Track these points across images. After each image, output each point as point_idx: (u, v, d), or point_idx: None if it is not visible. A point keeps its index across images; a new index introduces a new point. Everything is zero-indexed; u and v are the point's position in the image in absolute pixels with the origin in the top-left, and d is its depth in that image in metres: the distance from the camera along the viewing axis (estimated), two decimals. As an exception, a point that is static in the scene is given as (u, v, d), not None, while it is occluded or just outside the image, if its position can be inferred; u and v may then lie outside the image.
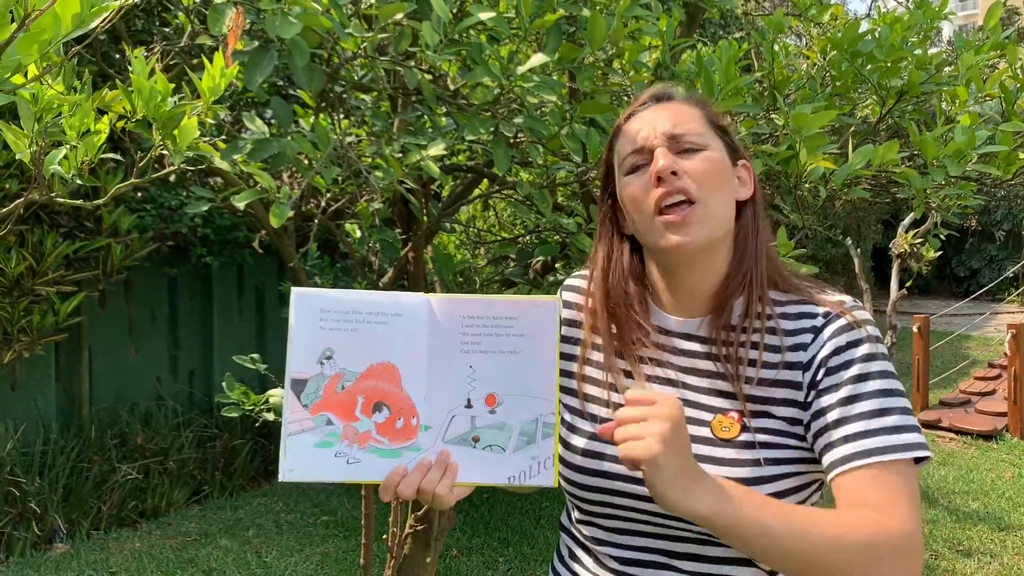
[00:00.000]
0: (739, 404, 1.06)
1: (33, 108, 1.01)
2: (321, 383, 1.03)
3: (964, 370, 9.14)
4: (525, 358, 1.05)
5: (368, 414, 1.04)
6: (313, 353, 1.03)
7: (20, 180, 3.71)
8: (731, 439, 1.04)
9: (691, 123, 1.11)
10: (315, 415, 1.03)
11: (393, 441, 1.04)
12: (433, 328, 1.06)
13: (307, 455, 1.02)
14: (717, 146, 1.12)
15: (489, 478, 1.05)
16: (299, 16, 1.33)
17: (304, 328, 1.03)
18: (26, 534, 4.21)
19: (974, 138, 1.93)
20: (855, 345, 1.04)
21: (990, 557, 4.45)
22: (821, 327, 1.06)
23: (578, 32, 1.86)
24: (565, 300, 1.25)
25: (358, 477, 1.03)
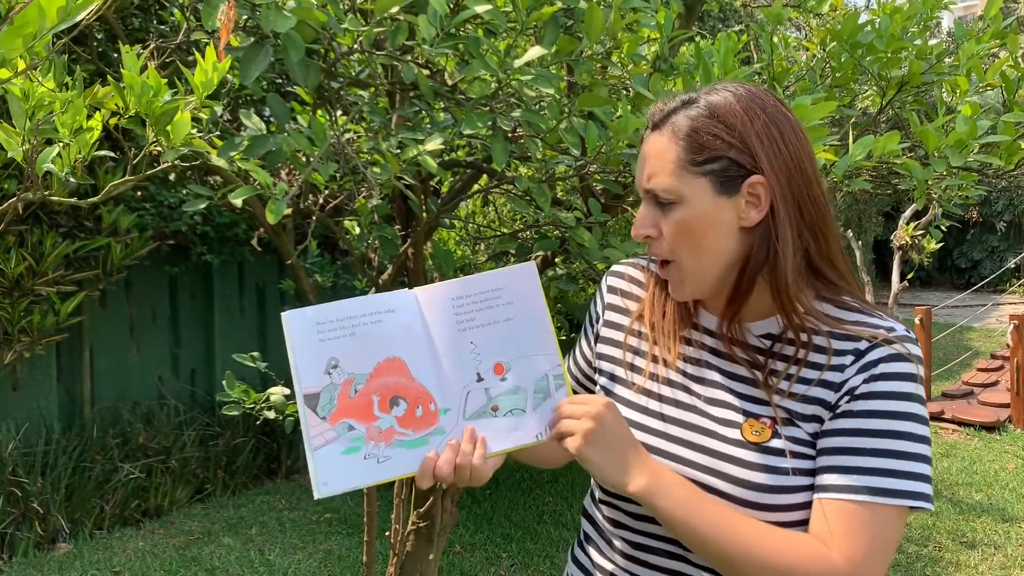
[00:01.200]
0: (772, 412, 1.05)
1: (25, 105, 1.00)
2: (334, 392, 1.04)
3: (966, 361, 9.13)
4: (520, 322, 1.09)
5: (386, 410, 1.05)
6: (319, 366, 1.04)
7: (19, 180, 3.70)
8: (760, 443, 1.04)
9: (663, 174, 1.05)
10: (335, 424, 1.03)
11: (417, 431, 1.06)
12: (427, 316, 1.08)
13: (337, 465, 1.02)
14: (696, 191, 1.04)
15: (518, 441, 1.07)
16: (294, 10, 1.32)
17: (304, 345, 1.04)
18: (29, 534, 4.21)
19: (975, 128, 1.91)
20: (890, 378, 1.01)
21: (994, 548, 4.45)
22: (864, 351, 1.02)
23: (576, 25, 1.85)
24: (610, 285, 1.27)
25: (393, 474, 1.04)
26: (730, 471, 1.04)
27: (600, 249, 1.92)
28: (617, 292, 1.26)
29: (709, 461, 1.06)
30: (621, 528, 1.16)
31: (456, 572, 4.11)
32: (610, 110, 1.75)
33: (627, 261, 1.30)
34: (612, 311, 1.25)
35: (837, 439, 1.01)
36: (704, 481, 1.06)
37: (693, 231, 1.05)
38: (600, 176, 1.95)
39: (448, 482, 1.03)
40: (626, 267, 1.28)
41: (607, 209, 2.12)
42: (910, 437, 0.99)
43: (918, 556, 4.34)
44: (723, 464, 1.05)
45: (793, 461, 1.03)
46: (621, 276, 1.27)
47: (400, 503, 2.44)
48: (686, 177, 1.04)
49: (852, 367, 1.02)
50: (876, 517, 0.98)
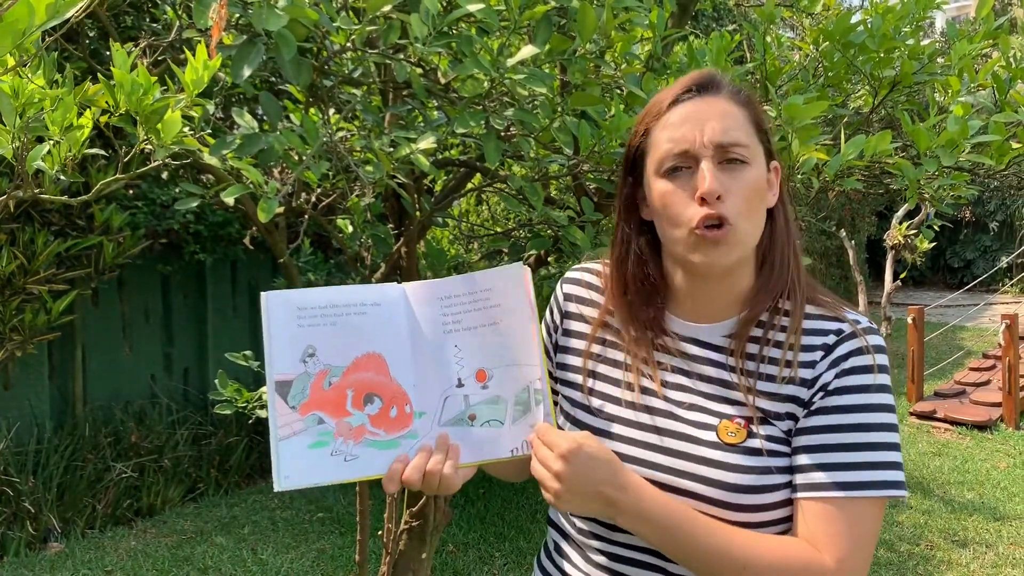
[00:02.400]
0: (746, 412, 1.05)
1: (14, 103, 1.00)
2: (307, 382, 1.00)
3: (959, 361, 9.16)
4: (506, 328, 1.04)
5: (360, 407, 1.01)
6: (295, 352, 1.00)
7: (10, 178, 3.68)
8: (737, 444, 1.04)
9: (739, 131, 1.04)
10: (305, 415, 0.99)
11: (389, 431, 1.02)
12: (413, 313, 1.05)
13: (302, 459, 0.98)
14: (759, 157, 1.06)
15: (492, 455, 1.03)
16: (286, 8, 1.31)
17: (282, 328, 1.00)
18: (20, 534, 4.20)
19: (967, 128, 1.92)
20: (860, 372, 1.02)
21: (985, 547, 4.46)
22: (833, 346, 1.04)
23: (568, 24, 1.85)
24: (565, 292, 1.23)
25: (359, 474, 1.00)
26: (708, 474, 1.04)
27: (593, 248, 1.92)
28: (574, 300, 1.22)
29: (686, 465, 1.05)
30: (597, 539, 1.13)
31: (449, 571, 4.11)
32: (603, 109, 1.75)
33: (580, 267, 1.25)
34: (570, 319, 1.21)
35: (812, 436, 1.02)
36: (682, 486, 1.05)
37: (756, 194, 1.04)
38: (593, 175, 1.95)
39: (415, 488, 1.00)
40: (581, 273, 1.24)
41: (600, 208, 2.12)
42: (879, 427, 1.01)
43: (910, 555, 4.35)
44: (700, 467, 1.04)
45: (770, 460, 1.03)
46: (577, 283, 1.23)
47: (393, 502, 2.44)
48: (754, 139, 1.05)
49: (823, 362, 1.03)
50: (856, 512, 0.99)
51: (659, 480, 1.06)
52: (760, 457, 1.03)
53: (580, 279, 1.23)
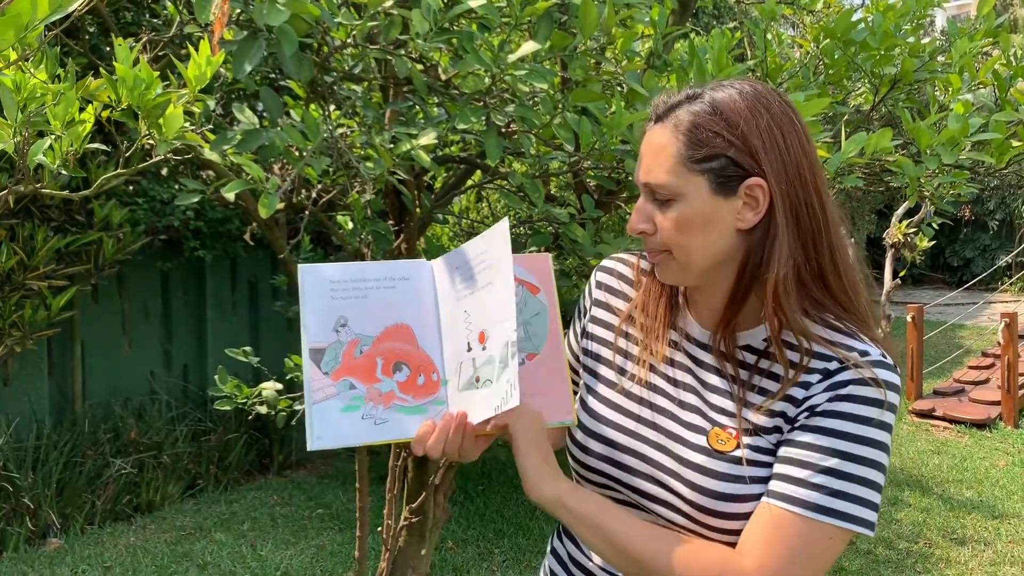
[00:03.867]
0: (737, 423, 1.05)
1: (16, 97, 1.00)
2: (339, 350, 1.05)
3: (958, 359, 9.17)
4: (496, 286, 1.07)
5: (389, 374, 1.06)
6: (328, 322, 1.05)
7: (10, 173, 3.68)
8: (725, 452, 1.04)
9: (661, 170, 1.03)
10: (337, 381, 1.04)
11: (416, 398, 1.07)
12: (438, 287, 1.10)
13: (334, 421, 1.03)
14: (693, 189, 1.02)
15: (486, 413, 1.05)
16: (287, 4, 1.31)
17: (316, 300, 1.06)
18: (20, 529, 4.20)
19: (967, 126, 1.92)
20: (859, 402, 0.99)
21: (984, 545, 4.47)
22: (833, 372, 1.00)
23: (569, 20, 1.85)
24: (598, 280, 1.26)
25: (388, 437, 1.04)
26: (692, 477, 1.05)
27: (593, 245, 1.92)
28: (604, 288, 1.25)
29: (674, 465, 1.07)
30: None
31: (448, 568, 4.11)
32: (604, 106, 1.75)
33: (616, 256, 1.28)
34: (599, 307, 1.25)
35: (792, 450, 1.00)
36: (667, 483, 1.07)
37: (688, 229, 1.02)
38: (593, 172, 1.95)
39: (437, 456, 1.04)
40: (615, 263, 1.26)
41: (600, 205, 2.12)
42: (863, 462, 0.98)
43: (908, 552, 4.36)
44: (686, 470, 1.06)
45: (751, 469, 1.03)
46: (610, 272, 1.26)
47: (392, 498, 2.44)
48: (684, 174, 1.02)
49: (818, 385, 1.01)
50: (808, 531, 0.97)
51: (652, 475, 1.09)
52: (741, 467, 1.03)
53: (614, 269, 1.26)
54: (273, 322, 5.86)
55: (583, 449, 1.16)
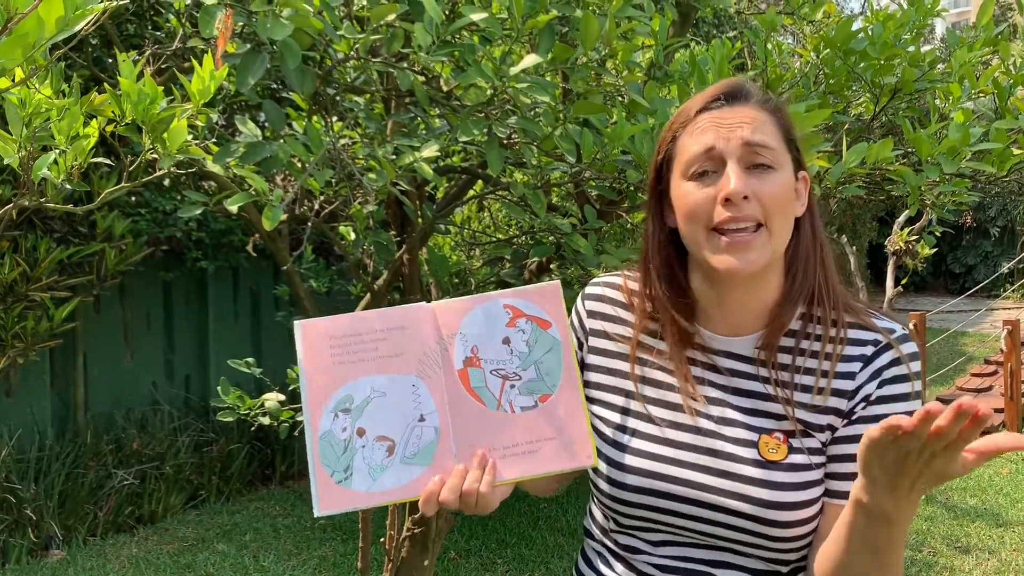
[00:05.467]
0: (787, 425, 1.04)
1: (21, 112, 1.00)
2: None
3: (960, 367, 9.15)
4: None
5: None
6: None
7: (13, 186, 3.69)
8: (779, 461, 1.03)
9: (769, 137, 1.03)
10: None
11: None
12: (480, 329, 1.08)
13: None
14: (787, 165, 1.05)
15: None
16: (290, 18, 1.32)
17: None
18: (22, 541, 4.20)
19: (968, 135, 1.92)
20: (899, 381, 1.03)
21: (988, 553, 4.45)
22: (871, 357, 1.04)
23: (571, 32, 1.86)
24: (588, 310, 1.20)
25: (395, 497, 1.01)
26: (749, 492, 1.02)
27: (595, 255, 1.92)
28: (598, 317, 1.19)
29: (727, 484, 1.04)
30: (642, 554, 1.12)
31: (451, 578, 4.11)
32: (605, 117, 1.75)
33: (601, 281, 1.22)
34: (597, 337, 1.18)
35: (849, 446, 1.02)
36: (724, 504, 1.03)
37: (783, 200, 1.03)
38: (595, 182, 1.95)
39: (452, 509, 0.99)
40: (603, 288, 1.21)
41: (602, 215, 2.13)
42: None
43: (913, 561, 4.35)
44: (742, 486, 1.03)
45: (808, 474, 1.02)
46: (600, 299, 1.20)
47: (395, 509, 2.44)
48: (782, 148, 1.05)
49: (863, 373, 1.03)
50: None
51: (701, 499, 1.05)
52: (801, 472, 1.02)
53: (603, 295, 1.20)
54: (275, 332, 5.87)
55: (619, 486, 1.09)
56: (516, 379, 1.05)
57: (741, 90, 1.07)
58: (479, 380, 1.05)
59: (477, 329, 1.06)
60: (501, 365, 1.05)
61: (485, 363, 1.05)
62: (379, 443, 1.01)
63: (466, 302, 1.07)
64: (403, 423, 1.01)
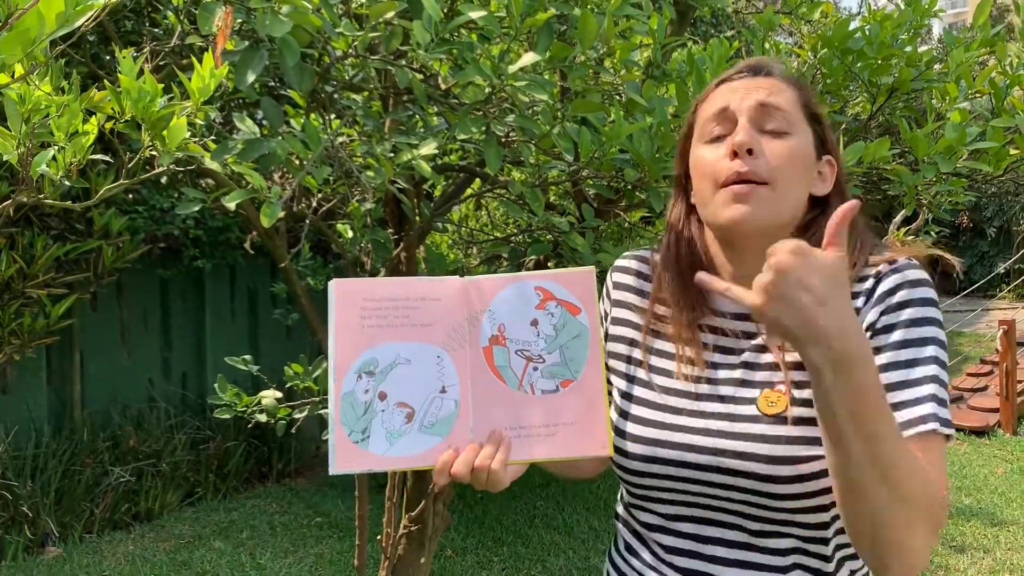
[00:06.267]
0: (785, 377, 1.04)
1: (21, 109, 1.00)
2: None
3: (956, 366, 9.17)
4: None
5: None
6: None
7: (10, 182, 3.69)
8: (776, 414, 1.03)
9: (785, 102, 1.06)
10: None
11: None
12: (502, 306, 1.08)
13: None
14: (805, 135, 1.07)
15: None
16: (289, 15, 1.32)
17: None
18: (18, 538, 4.19)
19: (964, 134, 1.93)
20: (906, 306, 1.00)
21: (983, 552, 4.47)
22: (872, 288, 1.03)
23: (569, 31, 1.86)
24: (615, 281, 1.24)
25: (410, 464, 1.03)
26: (745, 448, 1.02)
27: (593, 254, 1.92)
28: (623, 288, 1.23)
29: (725, 443, 1.04)
30: (655, 531, 1.13)
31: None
32: (603, 116, 1.75)
33: (632, 254, 1.26)
34: (620, 308, 1.22)
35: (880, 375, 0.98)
36: (729, 466, 1.03)
37: (797, 163, 1.04)
38: (593, 181, 1.96)
39: (463, 482, 1.01)
40: (632, 261, 1.24)
41: (600, 214, 2.13)
42: (942, 363, 1.00)
43: (908, 560, 4.36)
44: (738, 443, 1.03)
45: (809, 429, 1.00)
46: (626, 271, 1.24)
47: (392, 506, 2.44)
48: (801, 117, 1.07)
49: (866, 306, 1.02)
50: (936, 445, 0.96)
51: (699, 463, 1.05)
52: (800, 426, 1.01)
53: (629, 267, 1.24)
54: (272, 330, 5.87)
55: (623, 454, 1.12)
56: (540, 361, 1.06)
57: (764, 66, 1.11)
58: (503, 359, 1.05)
59: (507, 308, 1.06)
60: (526, 346, 1.06)
61: (511, 343, 1.06)
62: (399, 409, 1.02)
63: (499, 280, 1.07)
64: (425, 392, 1.03)
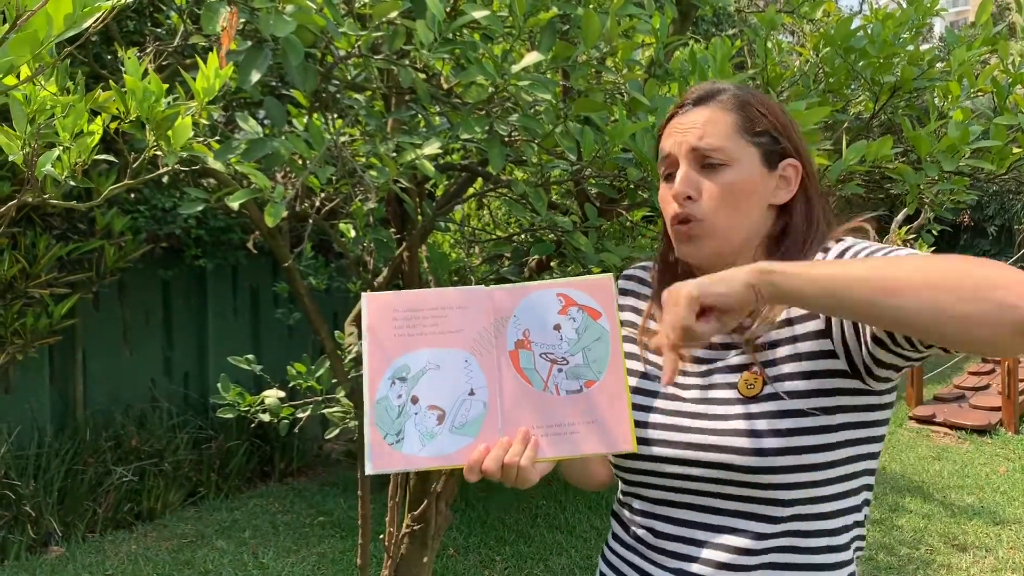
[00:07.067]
0: (753, 360, 1.09)
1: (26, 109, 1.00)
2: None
3: (958, 365, 9.17)
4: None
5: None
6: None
7: (12, 182, 3.69)
8: (755, 395, 1.07)
9: (716, 137, 1.11)
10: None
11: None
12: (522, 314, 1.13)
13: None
14: (747, 159, 1.12)
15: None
16: (293, 15, 1.32)
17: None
18: (21, 537, 4.20)
19: (967, 133, 1.93)
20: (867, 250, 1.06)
21: (985, 551, 4.47)
22: (823, 260, 1.09)
23: (572, 30, 1.86)
24: (622, 289, 1.31)
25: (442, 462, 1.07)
26: (727, 426, 1.07)
27: (596, 253, 1.93)
28: (632, 295, 1.30)
29: (717, 439, 1.08)
30: (648, 517, 1.17)
31: (450, 575, 4.11)
32: (606, 115, 1.76)
33: (636, 264, 1.35)
34: (624, 312, 1.28)
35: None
36: (716, 460, 1.07)
37: (737, 194, 1.10)
38: (596, 180, 1.96)
39: (494, 479, 1.06)
40: (634, 270, 1.33)
41: (603, 213, 2.13)
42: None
43: (910, 559, 4.36)
44: (720, 423, 1.08)
45: (790, 403, 1.05)
46: (629, 279, 1.32)
47: (394, 505, 2.45)
48: (740, 143, 1.12)
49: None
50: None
51: (688, 458, 1.09)
52: (774, 402, 1.05)
53: (632, 275, 1.32)
54: (274, 330, 5.87)
55: (620, 457, 1.18)
56: (564, 363, 1.11)
57: (707, 93, 1.16)
58: (529, 362, 1.11)
59: (531, 314, 1.12)
60: (550, 349, 1.11)
61: (536, 346, 1.11)
62: (431, 411, 1.07)
63: (522, 288, 1.13)
64: (454, 395, 1.08)
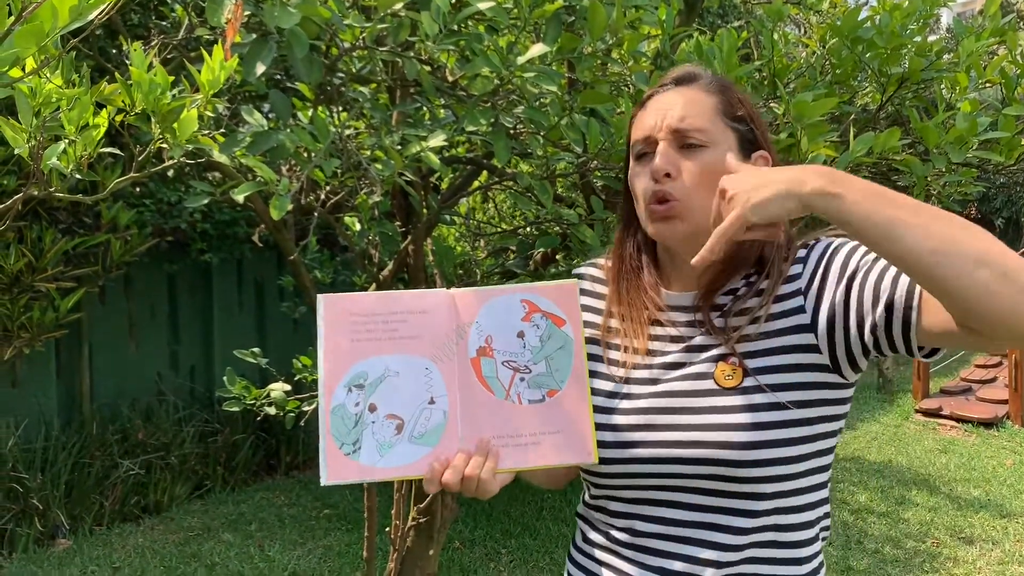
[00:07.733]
0: (732, 351, 1.08)
1: (32, 102, 1.00)
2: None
3: (965, 358, 9.15)
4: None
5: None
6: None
7: (18, 176, 3.69)
8: (735, 387, 1.06)
9: (698, 117, 1.10)
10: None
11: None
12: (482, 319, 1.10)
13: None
14: (726, 141, 1.11)
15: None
16: (298, 7, 1.32)
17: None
18: (29, 530, 4.22)
19: (975, 124, 1.92)
20: (844, 246, 1.07)
21: (992, 544, 4.46)
22: (806, 256, 1.11)
23: (577, 22, 1.85)
24: (581, 288, 1.27)
25: (400, 474, 1.04)
26: (710, 420, 1.06)
27: (602, 245, 1.92)
28: (585, 294, 1.26)
29: (688, 419, 1.07)
30: (620, 517, 1.15)
31: (456, 568, 4.12)
32: (612, 107, 1.75)
33: (586, 262, 1.33)
34: (585, 312, 1.23)
35: (845, 302, 1.04)
36: (696, 456, 1.06)
37: (715, 176, 1.07)
38: (601, 173, 1.95)
39: (453, 491, 1.03)
40: (587, 268, 1.31)
41: (609, 206, 2.13)
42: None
43: (916, 552, 4.35)
44: (701, 417, 1.06)
45: (770, 396, 1.05)
46: (582, 277, 1.29)
47: (400, 498, 2.45)
48: (720, 125, 1.11)
49: (804, 271, 1.09)
50: None
51: (668, 456, 1.07)
52: (754, 394, 1.05)
53: (585, 273, 1.30)
54: (280, 323, 5.88)
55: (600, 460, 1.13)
56: (526, 372, 1.08)
57: (688, 75, 1.16)
58: (491, 370, 1.07)
59: (493, 320, 1.08)
60: (513, 357, 1.08)
61: (498, 354, 1.08)
62: (389, 420, 1.04)
63: (485, 293, 1.09)
64: (414, 403, 1.04)
